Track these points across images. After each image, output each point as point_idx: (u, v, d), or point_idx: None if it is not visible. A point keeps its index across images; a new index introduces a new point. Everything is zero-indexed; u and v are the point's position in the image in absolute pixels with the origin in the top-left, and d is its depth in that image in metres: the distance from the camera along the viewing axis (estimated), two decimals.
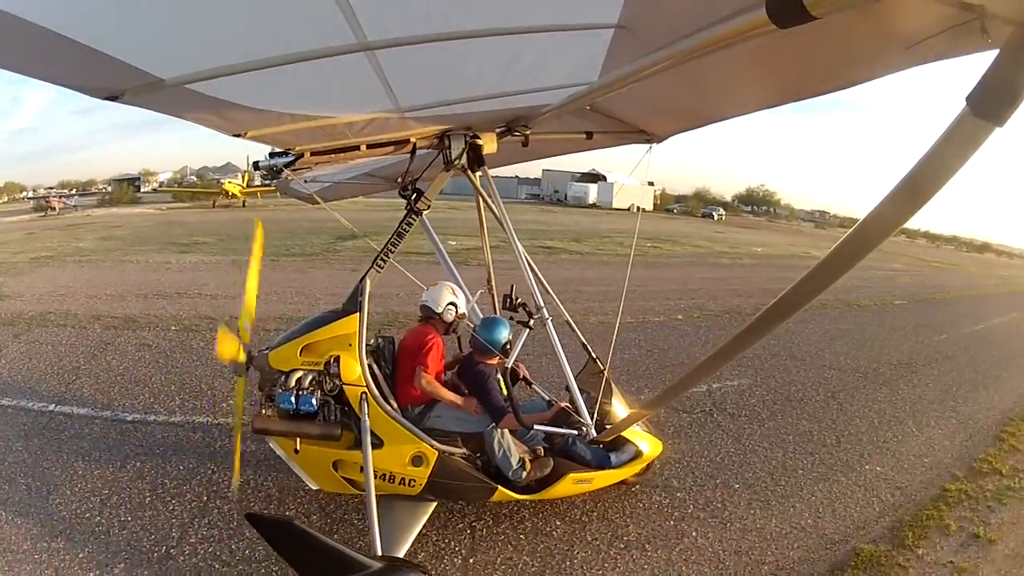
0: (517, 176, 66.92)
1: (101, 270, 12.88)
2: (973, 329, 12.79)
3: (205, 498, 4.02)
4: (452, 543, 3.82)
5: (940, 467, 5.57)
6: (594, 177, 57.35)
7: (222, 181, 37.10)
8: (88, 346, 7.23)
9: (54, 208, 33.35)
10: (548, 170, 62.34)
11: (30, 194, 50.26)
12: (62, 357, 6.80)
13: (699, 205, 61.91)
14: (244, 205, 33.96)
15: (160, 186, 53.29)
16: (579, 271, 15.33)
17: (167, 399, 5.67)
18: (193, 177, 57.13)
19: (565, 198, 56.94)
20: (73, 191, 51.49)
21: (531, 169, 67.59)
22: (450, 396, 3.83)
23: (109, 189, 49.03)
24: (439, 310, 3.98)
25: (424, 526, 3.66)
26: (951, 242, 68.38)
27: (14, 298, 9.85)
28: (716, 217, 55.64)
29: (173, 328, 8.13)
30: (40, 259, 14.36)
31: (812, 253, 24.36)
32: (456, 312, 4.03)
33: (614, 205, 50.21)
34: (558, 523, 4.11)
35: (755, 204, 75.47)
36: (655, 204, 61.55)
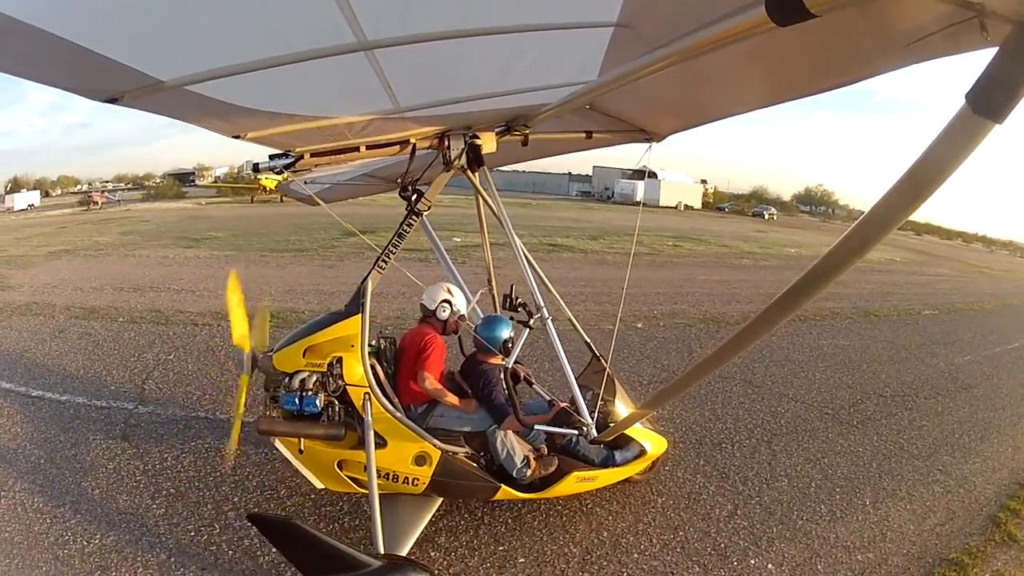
0: (569, 172, 66.37)
1: (103, 264, 13.34)
2: (1006, 348, 10.30)
3: (42, 461, 4.51)
4: None
5: (878, 572, 3.69)
6: (643, 174, 55.67)
7: (259, 177, 38.18)
8: (45, 333, 7.67)
9: (96, 202, 34.76)
10: (599, 166, 61.26)
11: (85, 187, 52.82)
12: (20, 342, 7.30)
13: (753, 204, 59.27)
14: (282, 200, 35.11)
15: (215, 180, 56.28)
16: (569, 270, 14.44)
17: (70, 381, 6.07)
18: (250, 171, 59.49)
19: (613, 195, 55.86)
20: (126, 185, 53.68)
21: (583, 165, 66.71)
22: (452, 399, 3.84)
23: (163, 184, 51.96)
24: (432, 307, 4.01)
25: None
26: (1007, 247, 63.64)
27: (14, 289, 10.40)
28: (767, 216, 53.03)
29: (120, 320, 8.38)
30: (56, 253, 14.92)
31: None
32: (451, 309, 4.02)
33: (661, 203, 49.26)
34: None
35: (813, 204, 71.76)
36: (705, 202, 59.44)
